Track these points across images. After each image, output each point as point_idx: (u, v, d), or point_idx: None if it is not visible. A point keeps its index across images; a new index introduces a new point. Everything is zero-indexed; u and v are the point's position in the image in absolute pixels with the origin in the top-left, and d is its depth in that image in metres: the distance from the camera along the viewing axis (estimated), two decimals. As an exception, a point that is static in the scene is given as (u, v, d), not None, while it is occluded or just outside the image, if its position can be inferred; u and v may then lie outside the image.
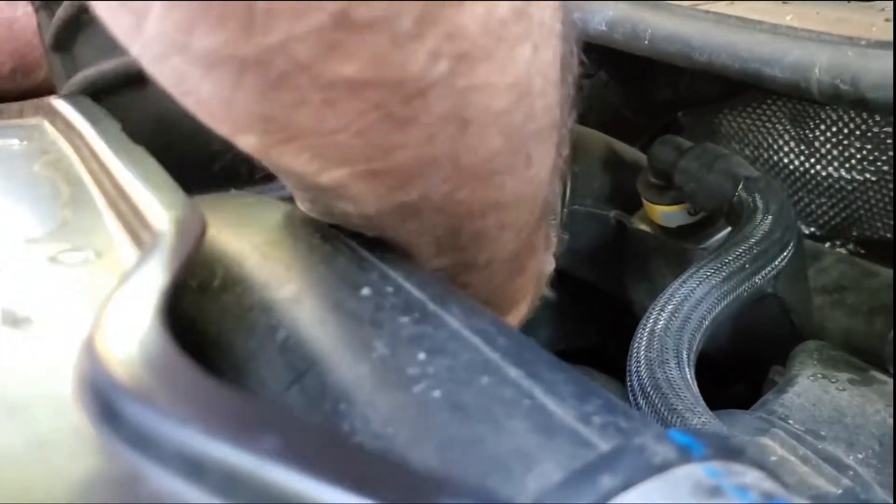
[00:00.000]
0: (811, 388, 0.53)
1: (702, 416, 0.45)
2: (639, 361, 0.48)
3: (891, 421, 0.51)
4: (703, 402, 0.47)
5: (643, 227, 0.72)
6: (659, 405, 0.46)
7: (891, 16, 0.47)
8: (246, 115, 0.27)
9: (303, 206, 0.35)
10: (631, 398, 0.48)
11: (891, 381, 0.54)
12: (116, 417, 0.21)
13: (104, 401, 0.22)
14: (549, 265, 0.49)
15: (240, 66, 0.25)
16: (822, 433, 0.49)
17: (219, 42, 0.24)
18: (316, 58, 0.24)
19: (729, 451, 0.22)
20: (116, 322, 0.24)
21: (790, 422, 0.50)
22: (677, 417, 0.45)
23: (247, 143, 0.28)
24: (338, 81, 0.25)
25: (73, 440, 0.22)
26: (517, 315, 0.48)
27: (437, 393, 0.24)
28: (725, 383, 0.53)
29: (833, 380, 0.54)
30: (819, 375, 0.55)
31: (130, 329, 0.23)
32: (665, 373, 0.47)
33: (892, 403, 0.51)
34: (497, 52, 0.27)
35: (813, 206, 0.74)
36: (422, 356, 0.26)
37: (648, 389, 0.46)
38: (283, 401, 0.27)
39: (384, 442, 0.24)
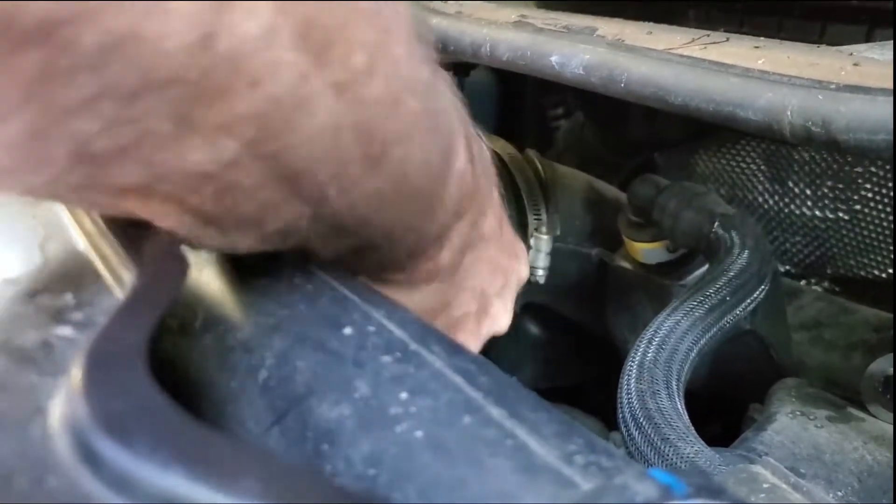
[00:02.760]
0: (790, 426, 0.54)
1: (694, 445, 0.46)
2: (630, 393, 0.49)
3: (869, 458, 0.51)
4: (694, 431, 0.47)
5: (624, 264, 0.73)
6: (652, 435, 0.46)
7: (859, 60, 0.48)
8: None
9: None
10: (623, 429, 0.48)
11: (868, 418, 0.54)
12: (96, 459, 0.21)
13: (84, 443, 0.22)
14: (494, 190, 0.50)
15: (33, 189, 0.27)
16: (802, 471, 0.50)
17: None
18: (87, 181, 0.26)
19: (710, 490, 0.22)
20: (97, 363, 0.23)
21: (769, 459, 0.51)
22: (670, 447, 0.45)
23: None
24: (125, 189, 0.27)
25: (52, 482, 0.22)
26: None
27: (419, 433, 0.24)
28: (704, 421, 0.53)
29: (811, 417, 0.55)
30: (798, 413, 0.55)
31: (111, 370, 0.23)
32: (657, 403, 0.48)
33: (870, 441, 0.52)
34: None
35: (788, 245, 0.75)
36: (404, 396, 0.26)
37: (641, 420, 0.47)
38: (265, 441, 0.27)
39: (366, 483, 0.24)
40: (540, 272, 0.75)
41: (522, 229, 0.75)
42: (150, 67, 0.23)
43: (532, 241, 0.74)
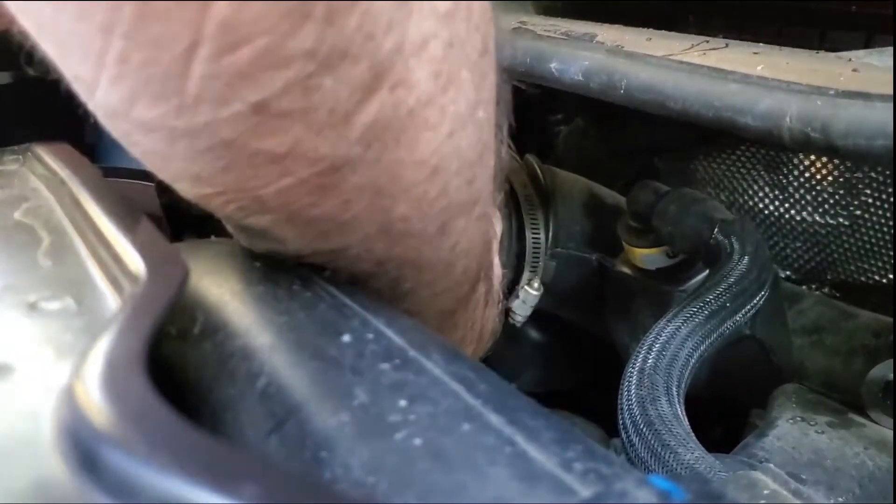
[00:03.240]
0: (791, 432, 0.54)
1: (695, 451, 0.46)
2: (630, 399, 0.49)
3: (870, 464, 0.51)
4: (694, 437, 0.47)
5: (624, 269, 0.73)
6: (652, 441, 0.46)
7: (857, 66, 0.48)
8: (180, 170, 0.30)
9: (240, 240, 0.38)
10: (623, 435, 0.48)
11: (869, 423, 0.54)
12: (96, 465, 0.21)
13: (83, 449, 0.22)
14: (493, 323, 0.52)
15: (173, 134, 0.28)
16: (803, 476, 0.50)
17: (155, 116, 0.27)
18: (239, 136, 0.27)
19: (709, 496, 0.22)
20: (96, 370, 0.24)
21: (770, 465, 0.51)
22: (670, 453, 0.45)
23: (181, 189, 0.32)
24: (260, 153, 0.28)
25: (51, 488, 0.22)
26: None
27: (418, 440, 0.24)
28: (705, 426, 0.53)
29: (812, 422, 0.54)
30: (798, 418, 0.55)
31: (110, 377, 0.23)
32: (657, 409, 0.48)
33: (871, 446, 0.52)
34: (405, 136, 0.30)
35: (788, 251, 0.75)
36: (403, 403, 0.26)
37: (641, 426, 0.47)
38: (263, 449, 0.27)
39: (365, 490, 0.24)
40: (519, 318, 0.75)
41: (520, 239, 0.75)
42: None
43: (521, 293, 0.75)
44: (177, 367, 0.31)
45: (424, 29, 0.28)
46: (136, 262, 0.31)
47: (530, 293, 0.75)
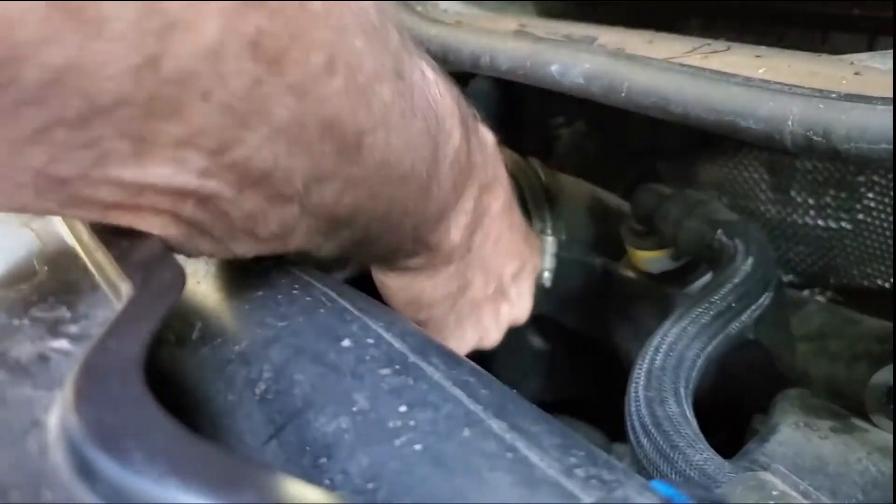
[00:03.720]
0: (793, 437, 0.53)
1: (704, 453, 0.45)
2: (638, 400, 0.49)
3: (873, 469, 0.51)
4: (703, 438, 0.47)
5: (628, 273, 0.72)
6: (661, 442, 0.46)
7: (860, 69, 0.48)
8: None
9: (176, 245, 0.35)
10: (632, 437, 0.48)
11: (872, 429, 0.54)
12: (92, 473, 0.21)
13: (80, 456, 0.21)
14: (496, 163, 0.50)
15: None
16: (806, 482, 0.49)
17: None
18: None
19: (712, 502, 0.21)
20: (94, 376, 0.23)
21: (780, 466, 0.50)
22: (679, 454, 0.45)
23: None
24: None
25: (47, 495, 0.21)
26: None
27: (418, 446, 0.24)
28: (708, 431, 0.53)
29: (815, 428, 0.54)
30: (801, 424, 0.55)
31: (108, 383, 0.23)
32: (665, 410, 0.48)
33: (874, 452, 0.51)
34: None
35: (791, 255, 0.75)
36: (403, 409, 0.25)
37: (650, 427, 0.47)
38: (263, 455, 0.27)
39: (365, 497, 0.23)
40: (546, 274, 0.75)
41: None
42: (95, 93, 0.24)
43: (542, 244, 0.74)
44: (175, 373, 0.31)
45: None
46: (133, 268, 0.30)
47: (546, 239, 0.74)
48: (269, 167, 0.29)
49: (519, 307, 0.56)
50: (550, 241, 0.74)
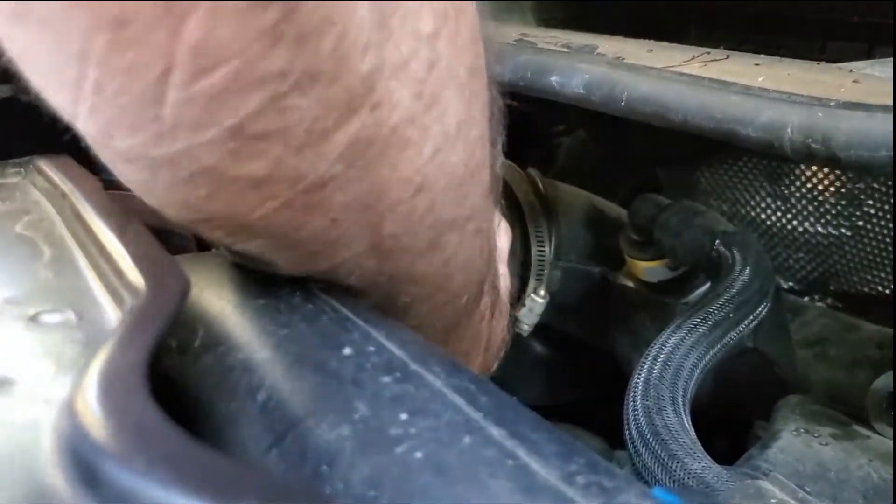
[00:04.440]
0: (795, 444, 0.53)
1: (702, 461, 0.45)
2: (636, 409, 0.49)
3: (874, 476, 0.51)
4: (701, 447, 0.47)
5: (627, 282, 0.73)
6: (659, 451, 0.46)
7: (859, 77, 0.48)
8: (165, 197, 0.30)
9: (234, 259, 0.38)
10: (630, 446, 0.48)
11: (873, 435, 0.54)
12: (96, 480, 0.21)
13: (83, 462, 0.22)
14: (502, 334, 0.52)
15: (154, 163, 0.28)
16: (807, 489, 0.49)
17: (133, 145, 0.27)
18: (218, 161, 0.27)
19: (712, 510, 0.21)
20: (97, 384, 0.23)
21: (777, 475, 0.50)
22: (677, 463, 0.45)
23: (169, 215, 0.32)
24: (241, 178, 0.28)
25: (51, 503, 0.21)
26: None
27: (419, 454, 0.24)
28: (708, 438, 0.53)
29: (816, 434, 0.54)
30: (802, 430, 0.55)
31: (111, 391, 0.23)
32: (663, 419, 0.48)
33: (876, 458, 0.51)
34: (387, 154, 0.30)
35: (791, 262, 0.75)
36: (404, 416, 0.25)
37: (648, 436, 0.47)
38: (264, 463, 0.27)
39: (366, 504, 0.23)
40: (525, 327, 0.76)
41: (524, 249, 0.75)
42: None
43: (527, 301, 0.75)
44: (177, 381, 0.31)
45: (405, 50, 0.28)
46: (136, 275, 0.31)
47: (536, 301, 0.75)
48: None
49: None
50: (540, 304, 0.75)
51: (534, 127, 0.98)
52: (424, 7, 0.29)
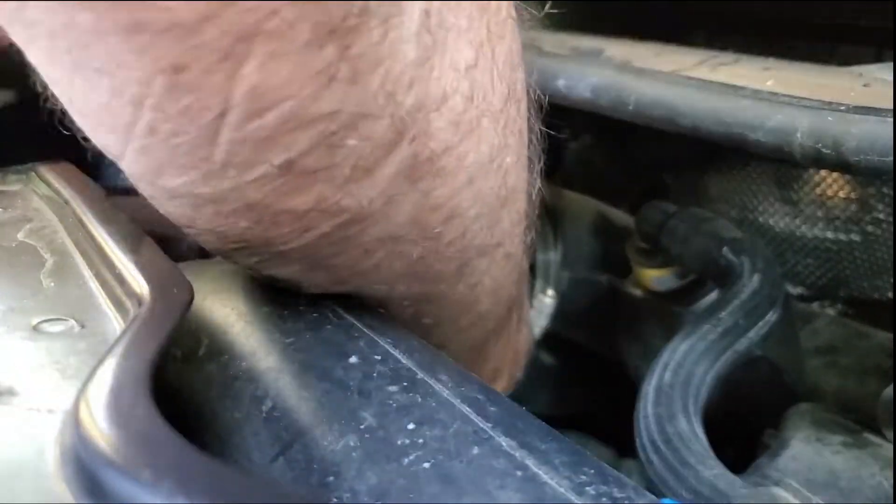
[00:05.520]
0: (805, 452, 0.53)
1: (714, 469, 0.45)
2: (647, 417, 0.48)
3: (886, 484, 0.50)
4: (713, 454, 0.47)
5: (634, 290, 0.72)
6: (671, 459, 0.46)
7: (868, 81, 0.47)
8: (206, 229, 0.31)
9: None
10: (642, 454, 0.48)
11: (885, 443, 0.53)
12: (100, 490, 0.21)
13: (87, 473, 0.21)
14: (526, 344, 0.52)
15: (199, 199, 0.28)
16: (818, 497, 0.49)
17: (181, 184, 0.27)
18: (264, 196, 0.28)
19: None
20: (101, 393, 0.23)
21: (791, 482, 0.50)
22: (690, 470, 0.44)
23: (206, 243, 0.32)
24: (285, 212, 0.29)
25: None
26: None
27: (427, 464, 0.24)
28: (718, 447, 0.53)
29: (827, 442, 0.54)
30: (813, 438, 0.54)
31: (115, 400, 0.23)
32: (675, 427, 0.47)
33: (887, 467, 0.51)
34: (422, 183, 0.30)
35: (800, 267, 0.74)
36: (411, 426, 0.25)
37: (660, 444, 0.46)
38: (270, 473, 0.27)
39: (373, 516, 0.23)
40: (535, 330, 0.75)
41: (530, 266, 0.75)
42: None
43: (535, 303, 0.75)
44: (181, 390, 0.31)
45: (445, 84, 0.29)
46: (140, 284, 0.30)
47: (545, 301, 0.74)
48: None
49: None
50: (549, 304, 0.75)
51: (539, 131, 0.98)
52: (462, 39, 0.29)
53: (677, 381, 0.50)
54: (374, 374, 0.28)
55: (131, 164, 0.28)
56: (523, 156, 0.37)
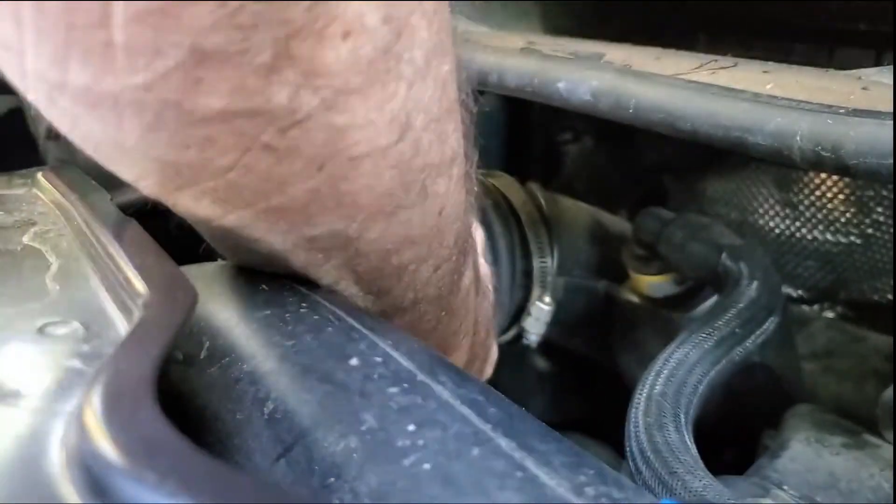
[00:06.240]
0: (805, 453, 0.53)
1: (703, 479, 0.45)
2: (637, 426, 0.48)
3: (886, 486, 0.50)
4: (702, 464, 0.47)
5: (631, 297, 0.72)
6: (659, 469, 0.45)
7: (867, 84, 0.48)
8: (138, 158, 0.29)
9: (226, 256, 0.37)
10: (630, 463, 0.48)
11: (884, 444, 0.54)
12: (105, 493, 0.21)
13: (92, 475, 0.21)
14: (487, 320, 0.52)
15: (118, 105, 0.26)
16: (818, 499, 0.49)
17: (89, 78, 0.26)
18: (183, 94, 0.26)
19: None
20: (105, 395, 0.23)
21: (784, 487, 0.50)
22: (678, 481, 0.44)
23: (149, 188, 0.30)
24: (210, 116, 0.27)
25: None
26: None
27: (427, 466, 0.24)
28: (717, 449, 0.53)
29: (826, 444, 0.54)
30: (812, 439, 0.54)
31: (119, 403, 0.23)
32: (664, 436, 0.47)
33: (887, 468, 0.51)
34: (368, 90, 0.29)
35: (800, 270, 0.74)
36: (412, 428, 0.25)
37: (648, 454, 0.46)
38: (271, 474, 0.27)
39: (374, 517, 0.23)
40: (533, 337, 0.75)
41: (525, 258, 0.75)
42: None
43: (532, 310, 0.75)
44: (183, 393, 0.31)
45: None
46: (144, 286, 0.30)
47: (542, 308, 0.75)
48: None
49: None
50: (546, 311, 0.75)
51: (539, 135, 0.98)
52: None
53: (669, 390, 0.50)
54: (375, 376, 0.28)
55: (36, 61, 0.26)
56: (455, 68, 0.36)
